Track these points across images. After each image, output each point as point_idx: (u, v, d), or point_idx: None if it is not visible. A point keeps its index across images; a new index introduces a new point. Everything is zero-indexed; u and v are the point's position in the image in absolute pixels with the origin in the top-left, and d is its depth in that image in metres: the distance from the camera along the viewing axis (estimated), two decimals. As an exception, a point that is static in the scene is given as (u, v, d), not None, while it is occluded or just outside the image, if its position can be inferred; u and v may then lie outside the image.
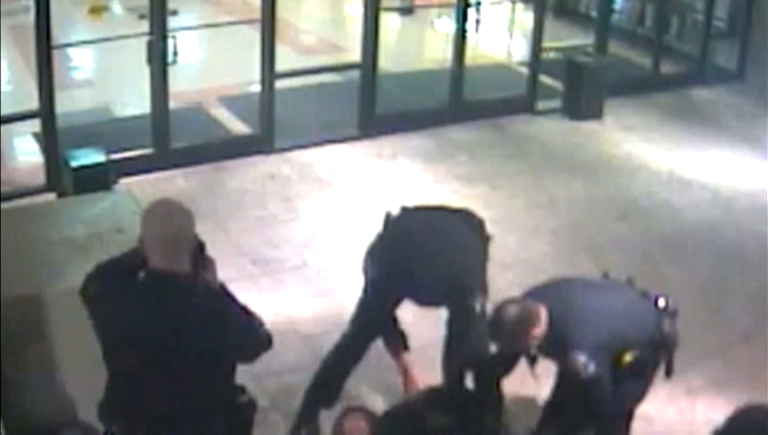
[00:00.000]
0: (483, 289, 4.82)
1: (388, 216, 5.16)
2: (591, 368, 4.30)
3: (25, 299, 4.48)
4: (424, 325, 5.39)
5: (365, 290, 5.01)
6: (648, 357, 4.58)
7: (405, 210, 5.21)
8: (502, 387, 4.81)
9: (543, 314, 4.36)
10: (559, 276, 4.95)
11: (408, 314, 5.32)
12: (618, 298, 4.65)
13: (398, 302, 5.07)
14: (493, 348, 4.71)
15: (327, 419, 4.95)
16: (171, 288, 3.42)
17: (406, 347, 5.37)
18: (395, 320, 5.28)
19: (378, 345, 5.23)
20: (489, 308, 4.62)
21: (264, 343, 3.62)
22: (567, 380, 4.55)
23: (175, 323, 3.38)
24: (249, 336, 3.54)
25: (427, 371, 5.16)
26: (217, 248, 6.69)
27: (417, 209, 5.25)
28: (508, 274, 6.35)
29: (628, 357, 4.49)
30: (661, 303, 4.63)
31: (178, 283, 3.42)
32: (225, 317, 3.46)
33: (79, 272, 3.73)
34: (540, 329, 4.35)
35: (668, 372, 4.72)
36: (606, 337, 4.38)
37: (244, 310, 3.55)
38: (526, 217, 7.73)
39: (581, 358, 4.29)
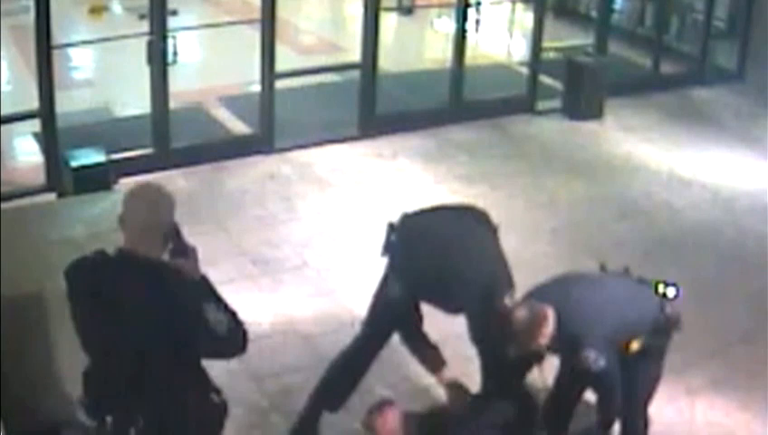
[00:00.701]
0: (510, 283, 4.73)
1: (391, 226, 4.91)
2: (601, 362, 4.40)
3: (25, 298, 4.48)
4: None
5: (387, 306, 4.87)
6: (656, 339, 4.62)
7: (413, 216, 4.98)
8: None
9: (551, 312, 4.41)
10: (558, 274, 4.95)
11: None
12: (618, 289, 4.72)
13: (420, 318, 4.96)
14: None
15: (327, 426, 4.98)
16: (138, 269, 3.41)
17: (442, 362, 5.06)
18: (425, 336, 5.06)
19: (390, 344, 5.09)
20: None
21: (236, 344, 3.51)
22: (576, 374, 4.62)
23: (139, 303, 3.37)
24: (216, 332, 3.41)
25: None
26: (217, 248, 6.84)
27: (425, 214, 5.03)
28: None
29: (636, 344, 4.54)
30: (671, 292, 4.64)
31: (146, 264, 3.42)
32: (189, 304, 3.39)
33: (79, 272, 3.72)
34: (549, 328, 4.41)
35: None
36: (611, 329, 4.46)
37: (227, 307, 3.47)
38: (526, 217, 7.73)
39: (591, 354, 4.38)
